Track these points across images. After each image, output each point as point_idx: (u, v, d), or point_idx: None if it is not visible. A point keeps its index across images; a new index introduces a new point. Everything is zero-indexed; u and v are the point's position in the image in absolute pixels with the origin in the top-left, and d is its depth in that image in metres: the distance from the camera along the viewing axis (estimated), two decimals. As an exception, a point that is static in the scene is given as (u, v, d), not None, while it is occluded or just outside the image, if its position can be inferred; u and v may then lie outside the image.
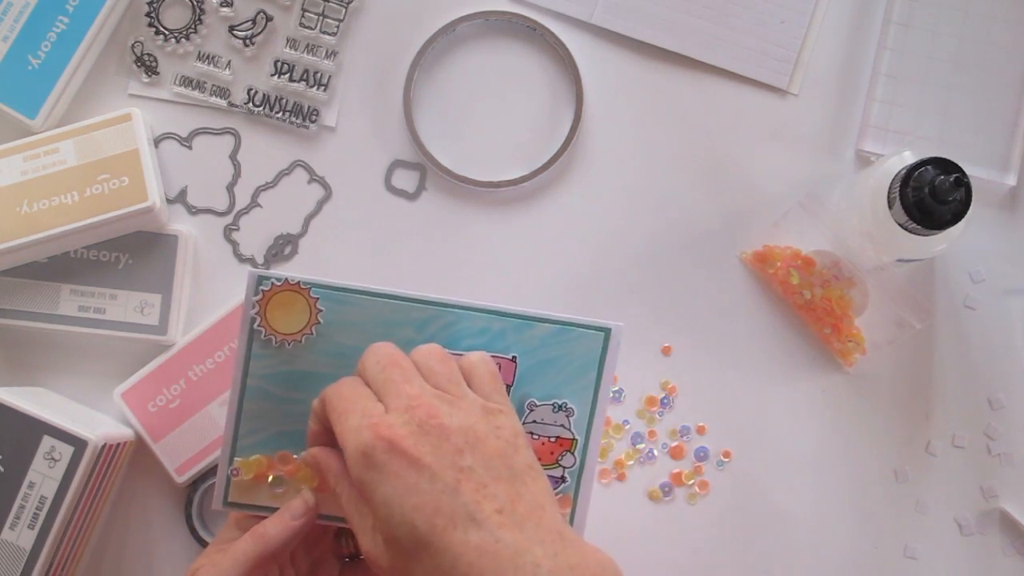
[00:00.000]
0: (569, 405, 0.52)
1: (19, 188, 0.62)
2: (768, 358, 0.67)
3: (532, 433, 0.52)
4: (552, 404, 0.52)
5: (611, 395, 0.66)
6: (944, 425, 0.67)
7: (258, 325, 0.51)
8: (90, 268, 0.64)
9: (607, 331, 0.52)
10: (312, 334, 0.51)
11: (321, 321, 0.51)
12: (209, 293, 0.66)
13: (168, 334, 0.64)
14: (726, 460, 0.66)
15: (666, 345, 0.67)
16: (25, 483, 0.58)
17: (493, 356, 0.52)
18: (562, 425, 0.52)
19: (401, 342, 0.50)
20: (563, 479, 0.53)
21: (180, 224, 0.66)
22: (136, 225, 0.64)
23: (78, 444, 0.58)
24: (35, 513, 0.58)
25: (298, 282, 0.51)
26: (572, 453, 0.53)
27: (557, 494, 0.52)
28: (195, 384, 0.64)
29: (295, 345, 0.52)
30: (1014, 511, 0.66)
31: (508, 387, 0.52)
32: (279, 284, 0.51)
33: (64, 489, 0.58)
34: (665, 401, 0.67)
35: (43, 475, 0.58)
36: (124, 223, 0.63)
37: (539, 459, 0.51)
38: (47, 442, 0.58)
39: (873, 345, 0.66)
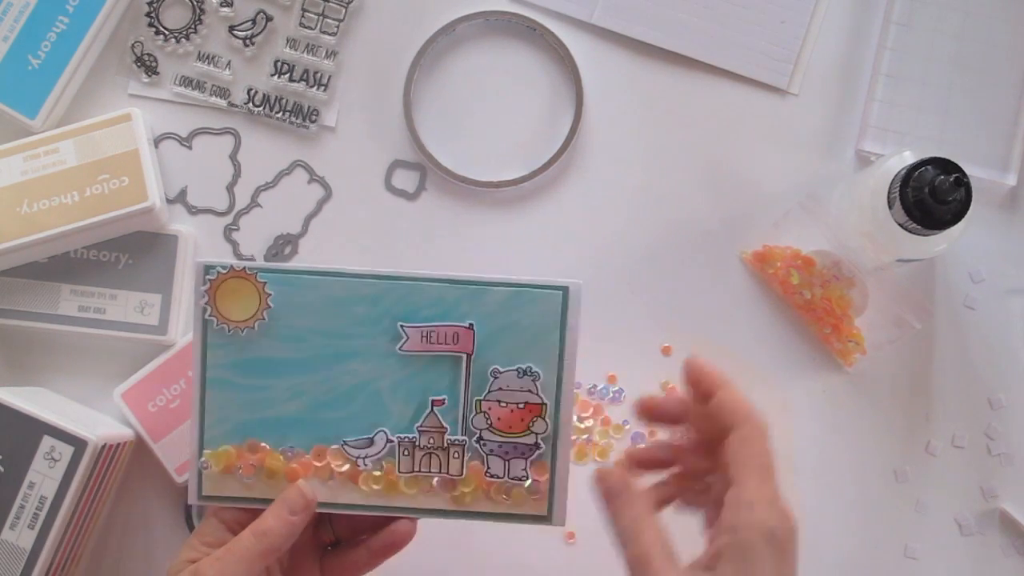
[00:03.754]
0: (534, 369, 0.52)
1: (19, 188, 0.62)
2: (768, 358, 0.67)
3: (499, 401, 0.52)
4: (516, 370, 0.52)
5: (612, 394, 0.66)
6: (944, 425, 0.67)
7: (209, 315, 0.52)
8: (90, 268, 0.64)
9: (564, 289, 0.52)
10: (264, 319, 0.52)
11: (272, 305, 0.52)
12: (209, 293, 0.66)
13: (168, 334, 0.64)
14: (726, 460, 0.66)
15: (666, 345, 0.67)
16: (25, 483, 0.58)
17: (449, 325, 0.52)
18: (529, 390, 0.52)
19: (356, 319, 0.51)
20: (537, 446, 0.52)
21: (180, 224, 0.66)
22: (136, 225, 0.64)
23: (78, 444, 0.58)
24: (35, 513, 0.58)
25: (243, 268, 0.51)
26: (543, 419, 0.52)
27: (533, 461, 0.52)
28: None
29: (249, 332, 0.52)
30: (1014, 511, 0.66)
31: (468, 356, 0.52)
32: (224, 272, 0.51)
33: (64, 489, 0.58)
34: (665, 401, 0.67)
35: (43, 475, 0.58)
36: (124, 223, 0.63)
37: (510, 427, 0.51)
38: (47, 442, 0.58)
39: (873, 345, 0.66)
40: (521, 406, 0.52)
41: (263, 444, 0.52)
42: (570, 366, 0.52)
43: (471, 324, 0.52)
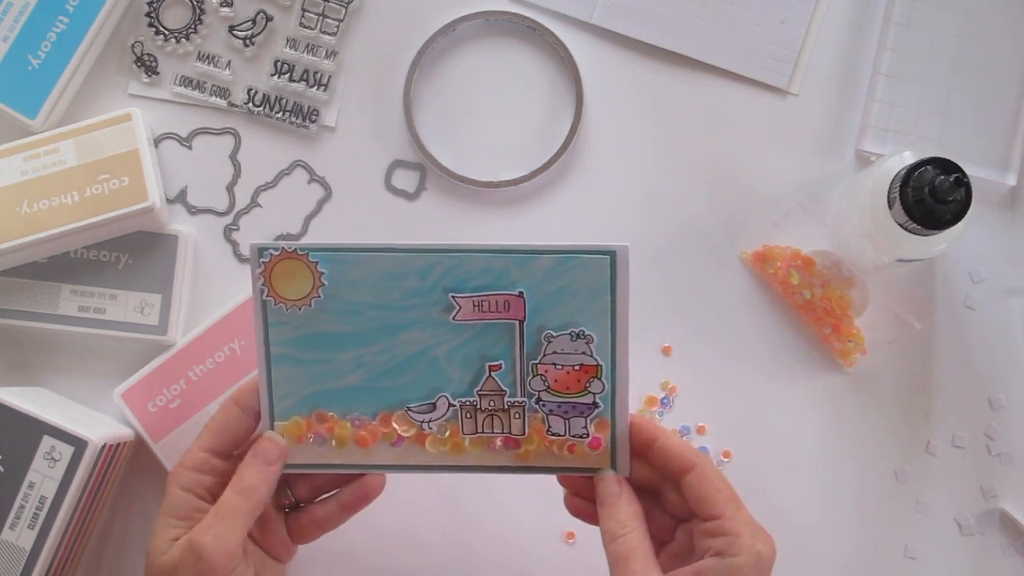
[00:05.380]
0: (587, 332, 0.52)
1: (19, 188, 0.62)
2: (768, 358, 0.67)
3: (555, 364, 0.53)
4: (569, 333, 0.53)
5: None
6: (944, 425, 0.67)
7: (267, 296, 0.53)
8: (90, 268, 0.64)
9: (612, 253, 0.52)
10: (320, 296, 0.53)
11: (326, 283, 0.53)
12: (209, 293, 0.66)
13: (168, 334, 0.64)
14: (726, 460, 0.66)
15: (666, 345, 0.67)
16: (25, 483, 0.58)
17: (500, 294, 0.52)
18: (584, 352, 0.53)
19: (408, 291, 0.52)
20: (595, 404, 0.53)
21: (180, 224, 0.66)
22: (136, 225, 0.64)
23: (78, 444, 0.58)
24: (35, 513, 0.58)
25: (295, 249, 0.52)
26: (599, 379, 0.53)
27: (592, 419, 0.53)
28: (195, 384, 0.64)
29: (306, 309, 0.53)
30: (1014, 511, 0.66)
31: (521, 322, 0.53)
32: (277, 254, 0.52)
33: (64, 489, 0.58)
34: (665, 401, 0.67)
35: (43, 475, 0.58)
36: (124, 223, 0.63)
37: (567, 388, 0.53)
38: (47, 442, 0.58)
39: (873, 345, 0.66)
40: (576, 368, 0.53)
41: (330, 414, 0.54)
42: (623, 325, 0.53)
43: (521, 292, 0.52)
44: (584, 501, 0.55)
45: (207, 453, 0.53)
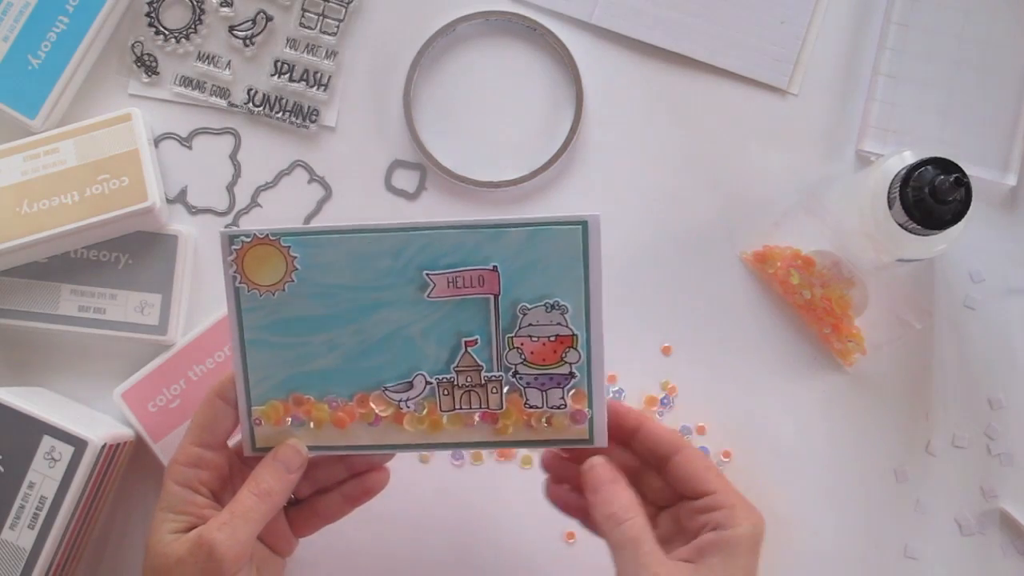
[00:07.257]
0: (562, 303, 0.53)
1: (19, 188, 0.62)
2: (768, 358, 0.67)
3: (530, 336, 0.53)
4: (544, 305, 0.53)
5: (612, 394, 0.66)
6: (944, 425, 0.67)
7: (240, 282, 0.53)
8: (90, 268, 0.64)
9: (584, 223, 0.52)
10: (293, 280, 0.53)
11: (298, 267, 0.53)
12: (209, 293, 0.66)
13: (168, 334, 0.64)
14: (726, 460, 0.66)
15: (666, 345, 0.67)
16: (25, 483, 0.58)
17: (473, 269, 0.52)
18: (559, 323, 0.53)
19: (381, 271, 0.52)
20: (572, 375, 0.53)
21: (180, 224, 0.66)
22: (136, 225, 0.64)
23: (78, 444, 0.58)
24: (35, 513, 0.58)
25: (266, 235, 0.52)
26: (575, 349, 0.53)
27: (569, 390, 0.53)
28: (195, 384, 0.64)
29: (280, 294, 0.53)
30: (1014, 511, 0.66)
31: (495, 297, 0.53)
32: (248, 241, 0.52)
33: (64, 489, 0.58)
34: (665, 401, 0.67)
35: (43, 475, 0.58)
36: (124, 223, 0.63)
37: (543, 360, 0.53)
38: (47, 442, 0.58)
39: (873, 345, 0.66)
40: (552, 339, 0.53)
41: (307, 397, 0.54)
42: (597, 295, 0.53)
43: (495, 266, 0.52)
44: (566, 490, 0.55)
45: (199, 448, 0.54)
